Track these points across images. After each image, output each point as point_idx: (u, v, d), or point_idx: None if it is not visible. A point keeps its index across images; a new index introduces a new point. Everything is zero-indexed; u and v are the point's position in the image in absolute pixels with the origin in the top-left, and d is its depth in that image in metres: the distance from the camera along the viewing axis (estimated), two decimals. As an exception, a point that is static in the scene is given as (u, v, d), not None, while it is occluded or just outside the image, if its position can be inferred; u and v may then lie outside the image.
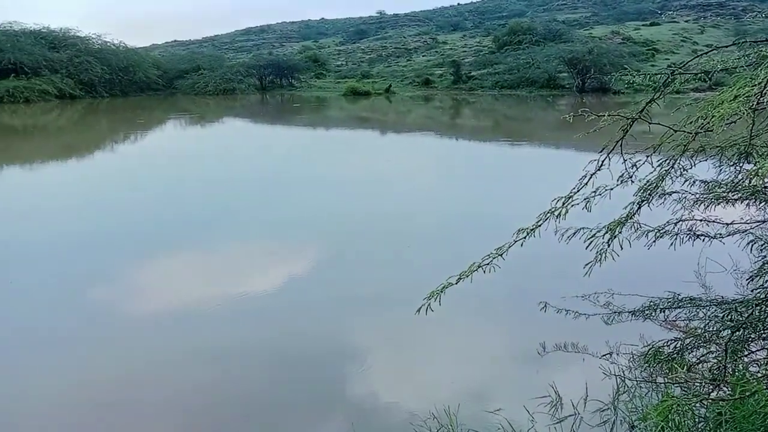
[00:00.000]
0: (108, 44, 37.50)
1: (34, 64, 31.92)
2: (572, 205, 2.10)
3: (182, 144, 18.69)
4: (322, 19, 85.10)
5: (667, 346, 2.94)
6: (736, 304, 2.63)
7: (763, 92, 1.70)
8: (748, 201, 2.80)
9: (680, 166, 2.33)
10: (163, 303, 5.60)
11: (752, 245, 2.88)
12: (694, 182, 2.80)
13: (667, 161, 2.22)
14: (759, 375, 2.32)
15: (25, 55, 31.84)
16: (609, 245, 2.10)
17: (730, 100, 1.77)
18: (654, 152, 2.18)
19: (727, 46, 2.21)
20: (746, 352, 2.56)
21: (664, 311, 3.22)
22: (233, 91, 37.67)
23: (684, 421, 2.14)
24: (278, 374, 4.32)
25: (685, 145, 2.15)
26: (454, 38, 56.67)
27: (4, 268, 6.53)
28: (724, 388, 2.16)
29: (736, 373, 2.31)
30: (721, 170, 2.79)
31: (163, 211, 9.05)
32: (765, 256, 2.85)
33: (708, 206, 2.86)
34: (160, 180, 11.78)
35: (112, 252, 7.09)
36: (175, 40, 76.11)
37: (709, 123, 1.91)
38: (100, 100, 33.44)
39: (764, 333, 2.53)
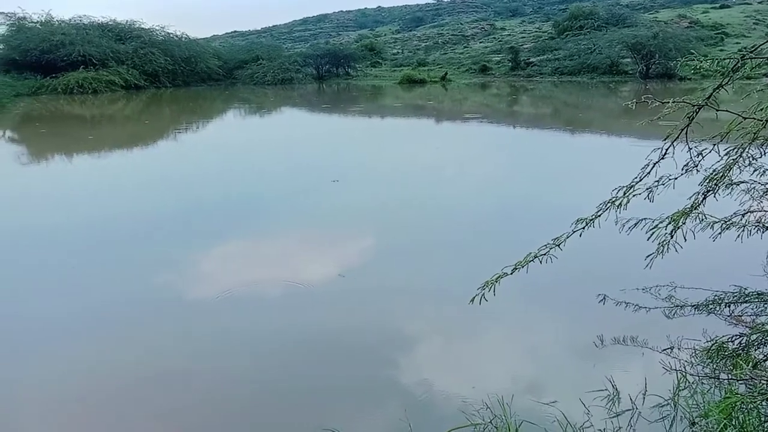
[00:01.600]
0: (171, 36, 38.55)
1: (102, 56, 33.17)
2: (634, 195, 2.05)
3: (241, 133, 19.08)
4: (379, 7, 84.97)
5: (732, 341, 2.85)
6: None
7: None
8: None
9: (749, 155, 2.23)
10: (219, 287, 5.75)
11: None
12: (764, 172, 2.69)
13: (736, 150, 2.14)
14: (832, 374, 2.21)
15: (94, 48, 33.11)
16: (672, 237, 2.04)
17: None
18: (721, 140, 2.10)
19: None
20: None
21: (729, 306, 3.11)
22: (291, 80, 38.18)
23: (748, 420, 2.07)
24: (330, 360, 4.38)
25: (755, 133, 2.06)
26: (513, 24, 55.65)
27: (76, 249, 6.86)
28: (793, 387, 2.07)
29: (807, 372, 2.21)
30: (794, 159, 2.66)
31: (221, 198, 9.27)
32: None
33: (779, 197, 2.74)
34: (218, 168, 12.06)
35: (171, 237, 7.33)
36: (234, 31, 77.58)
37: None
38: (164, 90, 34.47)
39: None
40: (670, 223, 2.06)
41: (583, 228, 2.08)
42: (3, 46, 34.72)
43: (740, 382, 2.31)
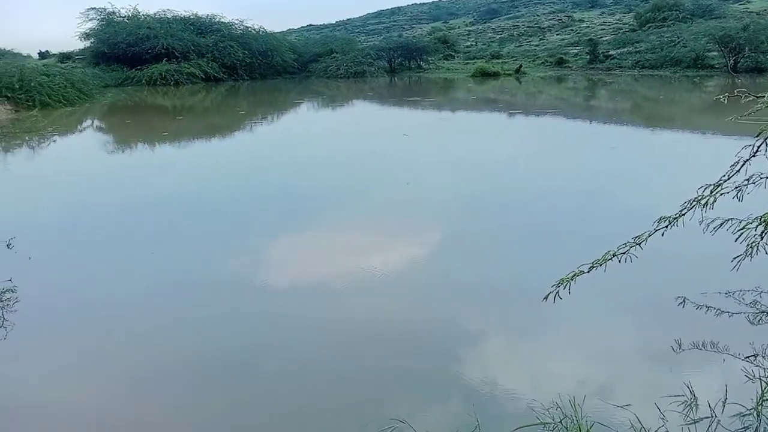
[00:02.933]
0: (249, 29, 39.59)
1: (184, 49, 34.51)
2: (721, 194, 1.96)
3: (314, 125, 19.40)
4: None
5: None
6: None
7: None
8: None
9: None
10: (287, 276, 5.89)
11: None
12: None
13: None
14: None
15: (176, 41, 34.48)
16: (762, 238, 1.94)
17: None
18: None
19: None
20: None
21: (822, 314, 2.93)
22: (363, 73, 38.47)
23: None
24: (397, 351, 4.42)
25: None
26: (592, 16, 53.96)
27: (160, 234, 7.19)
28: None
29: None
30: None
31: (293, 187, 9.46)
32: None
33: None
34: (291, 158, 12.31)
35: (244, 225, 7.55)
36: (310, 25, 78.88)
37: None
38: (241, 82, 35.47)
39: None
40: (760, 224, 1.96)
41: (666, 227, 2.01)
42: (94, 40, 36.65)
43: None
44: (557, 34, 49.25)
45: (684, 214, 2.01)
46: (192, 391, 3.97)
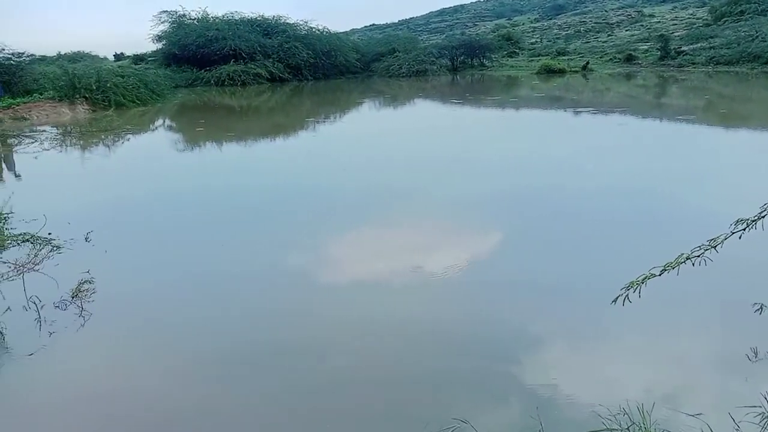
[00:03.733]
0: (313, 30, 40.16)
1: (250, 50, 35.37)
2: (805, 196, 1.86)
3: (375, 123, 19.51)
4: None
5: None
6: None
7: None
8: None
9: None
10: (343, 272, 5.95)
11: None
12: None
13: None
14: None
15: (243, 42, 35.38)
16: None
17: None
18: None
19: None
20: None
21: None
22: (425, 72, 38.41)
23: None
24: (457, 351, 4.39)
25: None
26: (663, 10, 52.02)
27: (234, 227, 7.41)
28: None
29: None
30: None
31: (352, 185, 9.54)
32: None
33: None
34: (352, 156, 12.42)
35: (303, 222, 7.67)
36: (373, 24, 79.29)
37: None
38: (305, 82, 36.04)
39: None
40: None
41: (744, 230, 1.92)
42: (165, 42, 38.04)
43: None
44: (626, 30, 47.73)
45: (763, 217, 1.92)
46: (252, 380, 4.07)
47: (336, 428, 3.56)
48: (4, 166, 12.98)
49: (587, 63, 37.48)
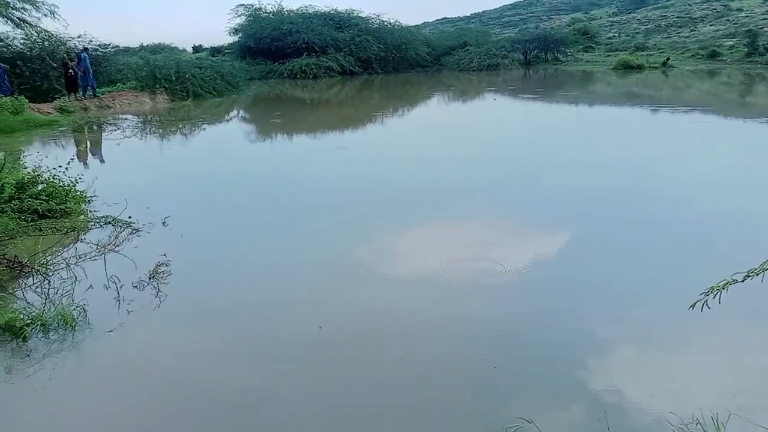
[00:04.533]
0: (385, 23, 40.27)
1: (323, 44, 35.84)
2: None
3: (444, 118, 19.41)
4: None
5: None
6: None
7: None
8: None
9: None
10: (408, 266, 5.97)
11: None
12: None
13: None
14: None
15: (316, 36, 35.89)
16: None
17: None
18: None
19: None
20: None
21: None
22: (497, 66, 37.88)
23: None
24: (521, 352, 4.35)
25: None
26: (752, 4, 49.19)
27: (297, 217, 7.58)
28: None
29: None
30: None
31: (420, 181, 9.54)
32: None
33: None
34: (420, 150, 12.40)
35: (372, 216, 7.74)
36: (444, 18, 78.78)
37: None
38: (375, 76, 36.22)
39: None
40: None
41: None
42: (242, 35, 39.04)
43: None
44: (710, 25, 45.49)
45: None
46: (318, 368, 4.16)
47: (396, 423, 3.60)
48: (89, 151, 13.71)
49: (667, 59, 35.96)
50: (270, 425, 3.62)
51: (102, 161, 12.59)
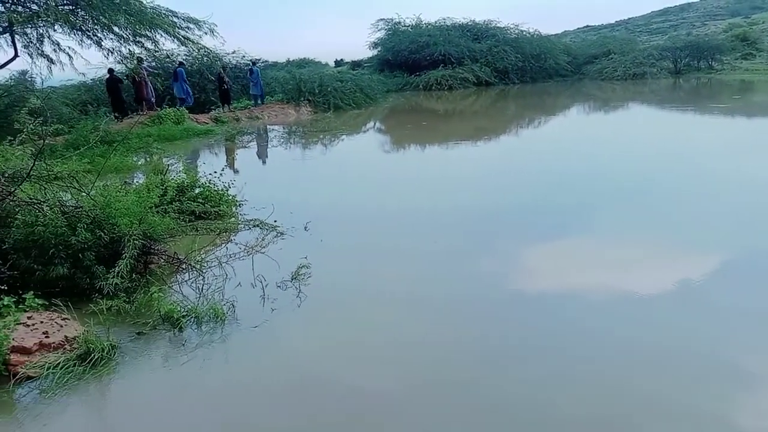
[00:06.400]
0: (523, 33, 39.54)
1: (459, 55, 35.88)
2: None
3: (583, 130, 18.65)
4: (759, -10, 73.61)
5: None
6: None
7: None
8: None
9: None
10: (538, 283, 5.80)
11: None
12: None
13: None
14: None
15: (453, 47, 36.01)
16: None
17: None
18: None
19: None
20: None
21: None
22: (643, 75, 35.82)
23: None
24: (665, 380, 4.08)
25: None
26: None
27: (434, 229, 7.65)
28: None
29: None
30: None
31: (556, 194, 9.24)
32: None
33: None
34: (555, 164, 12.00)
35: (510, 229, 7.60)
36: (587, 26, 75.85)
37: None
38: (511, 86, 35.65)
39: None
40: None
41: None
42: (380, 48, 40.09)
43: None
44: None
45: None
46: (462, 384, 4.17)
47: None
48: (240, 158, 14.74)
49: None
50: None
51: (264, 162, 13.42)
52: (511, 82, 36.57)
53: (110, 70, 18.70)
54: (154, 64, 19.88)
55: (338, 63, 50.37)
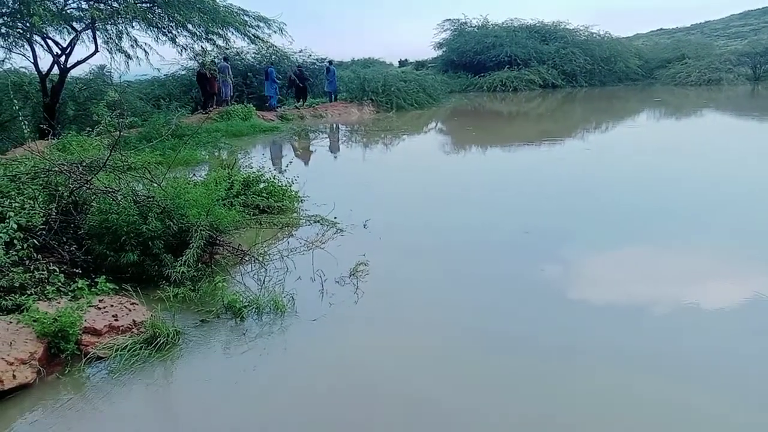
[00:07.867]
0: (593, 35, 38.60)
1: (526, 57, 35.36)
2: None
3: (652, 135, 18.04)
4: None
5: None
6: None
7: None
8: None
9: None
10: (599, 293, 5.66)
11: None
12: None
13: None
14: None
15: (520, 49, 35.52)
16: None
17: None
18: None
19: None
20: None
21: None
22: (719, 81, 34.34)
23: None
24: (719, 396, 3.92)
25: None
26: None
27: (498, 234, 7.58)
28: None
29: None
30: None
31: (626, 201, 8.99)
32: None
33: None
34: (628, 171, 11.66)
35: (576, 240, 7.44)
36: (660, 29, 73.28)
37: None
38: (579, 89, 34.86)
39: None
40: None
41: None
42: (445, 49, 39.94)
43: None
44: None
45: None
46: (503, 378, 4.13)
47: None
48: (303, 155, 15.00)
49: None
50: None
51: (335, 154, 13.63)
52: (578, 84, 35.77)
53: (202, 64, 18.92)
54: (222, 64, 20.37)
55: (402, 63, 50.44)
